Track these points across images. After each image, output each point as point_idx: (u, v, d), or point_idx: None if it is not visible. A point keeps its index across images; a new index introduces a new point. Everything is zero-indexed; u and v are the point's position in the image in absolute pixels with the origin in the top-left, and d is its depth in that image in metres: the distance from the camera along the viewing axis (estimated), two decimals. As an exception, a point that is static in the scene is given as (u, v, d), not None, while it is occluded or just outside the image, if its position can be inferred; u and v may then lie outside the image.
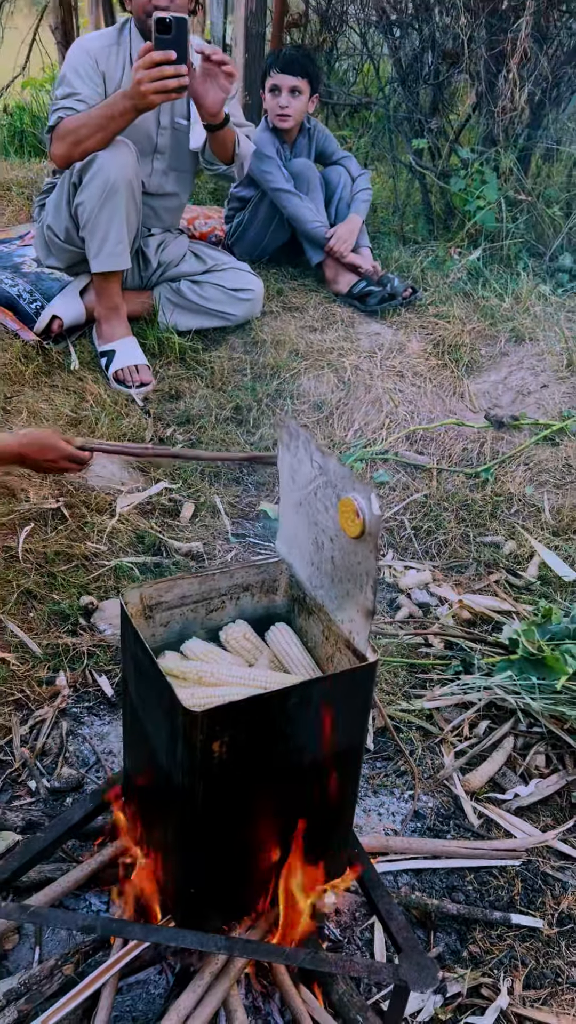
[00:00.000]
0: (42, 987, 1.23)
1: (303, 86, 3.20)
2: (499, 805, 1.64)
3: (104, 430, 2.52)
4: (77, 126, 2.47)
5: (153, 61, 2.24)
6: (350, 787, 1.22)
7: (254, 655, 1.30)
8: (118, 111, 2.39)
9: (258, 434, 2.66)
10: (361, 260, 3.28)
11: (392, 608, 2.17)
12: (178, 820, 1.13)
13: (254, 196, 3.32)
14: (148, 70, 2.25)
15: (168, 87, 2.27)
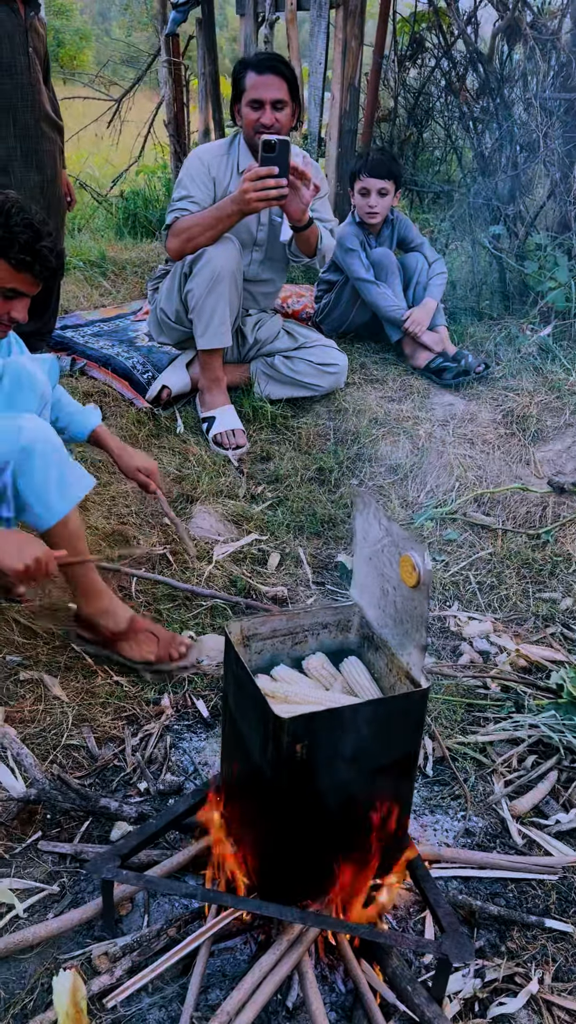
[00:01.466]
0: (151, 944, 1.52)
1: (389, 187, 3.57)
2: (541, 829, 1.86)
3: (204, 486, 2.87)
4: (190, 225, 2.90)
5: (259, 175, 2.66)
6: (405, 790, 1.49)
7: (329, 681, 1.59)
8: (226, 213, 2.81)
9: (338, 493, 2.98)
10: (434, 340, 3.59)
11: (455, 654, 2.42)
12: (266, 808, 1.42)
13: (339, 280, 3.69)
14: (254, 182, 2.66)
15: (270, 196, 2.69)
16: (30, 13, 2.97)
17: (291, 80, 2.96)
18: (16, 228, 1.80)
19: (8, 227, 1.80)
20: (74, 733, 1.99)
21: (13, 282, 1.87)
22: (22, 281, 1.88)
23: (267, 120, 2.93)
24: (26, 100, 2.99)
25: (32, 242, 1.82)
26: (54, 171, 3.18)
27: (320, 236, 3.02)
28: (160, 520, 2.72)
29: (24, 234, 1.81)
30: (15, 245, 1.81)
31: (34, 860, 1.70)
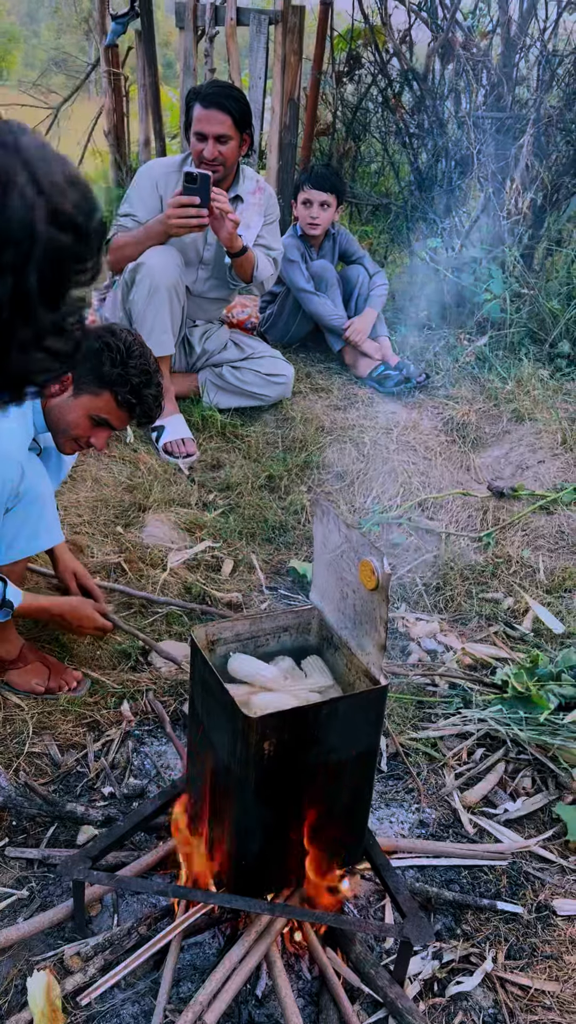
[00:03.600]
0: (122, 943, 1.56)
1: (331, 200, 3.68)
2: (491, 818, 1.96)
3: (156, 495, 2.91)
4: (124, 243, 3.04)
5: (180, 203, 2.82)
6: (366, 785, 1.57)
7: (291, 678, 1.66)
8: (154, 233, 2.97)
9: (288, 500, 3.05)
10: (373, 349, 3.70)
11: (404, 654, 2.51)
12: (235, 804, 1.48)
13: (282, 291, 3.78)
14: (176, 209, 2.82)
15: (190, 224, 2.86)
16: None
17: (238, 114, 3.03)
18: (132, 370, 1.88)
19: (126, 366, 1.87)
20: (36, 741, 2.01)
21: (109, 414, 1.94)
22: (118, 417, 1.95)
23: (208, 153, 3.02)
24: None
25: (141, 387, 1.91)
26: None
27: (256, 263, 3.10)
28: (113, 529, 2.75)
29: (137, 377, 1.89)
30: (127, 385, 1.88)
31: (1, 866, 1.73)
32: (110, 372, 1.88)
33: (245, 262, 3.08)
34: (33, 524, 1.96)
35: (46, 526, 2.00)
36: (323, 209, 3.68)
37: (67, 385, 1.91)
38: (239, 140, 3.09)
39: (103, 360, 1.87)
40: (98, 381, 1.90)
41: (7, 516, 1.91)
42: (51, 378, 0.92)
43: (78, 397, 1.92)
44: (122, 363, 1.88)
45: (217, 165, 3.06)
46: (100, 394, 1.91)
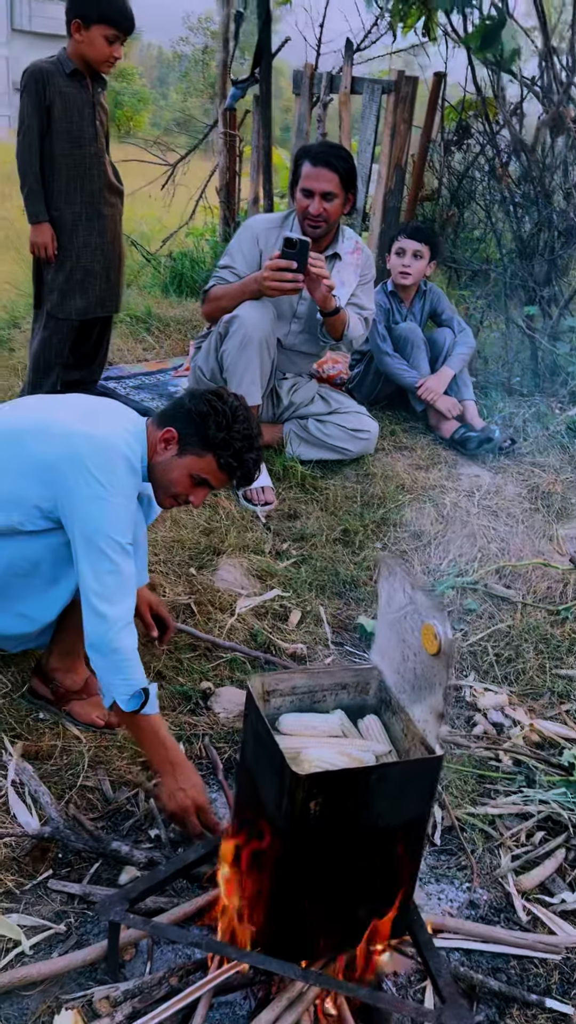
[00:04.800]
0: (152, 992, 1.54)
1: (424, 251, 3.72)
2: (546, 907, 1.86)
3: (231, 540, 2.94)
4: (221, 295, 3.13)
5: (277, 267, 2.87)
6: (413, 855, 1.51)
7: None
8: (249, 290, 3.04)
9: (362, 555, 3.03)
10: (448, 405, 3.68)
11: (469, 724, 2.44)
12: (277, 862, 1.45)
13: (369, 351, 3.82)
14: (272, 272, 2.88)
15: (284, 288, 2.91)
16: (97, 89, 3.17)
17: (345, 173, 3.11)
18: (235, 435, 1.91)
19: (230, 431, 1.90)
20: (90, 774, 2.02)
21: (210, 475, 1.96)
22: (218, 478, 1.98)
23: (314, 210, 3.10)
24: (92, 168, 3.17)
25: (243, 452, 1.93)
26: (114, 233, 3.35)
27: (348, 323, 3.14)
28: (186, 571, 2.79)
29: (240, 442, 1.92)
30: (230, 449, 1.92)
31: (43, 898, 1.73)
32: (215, 436, 1.91)
33: (337, 321, 3.13)
34: None
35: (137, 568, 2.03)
36: (416, 259, 3.72)
37: (173, 444, 1.96)
38: (343, 199, 3.16)
39: (209, 424, 1.90)
40: (202, 443, 1.92)
41: None
42: None
43: (182, 457, 1.94)
44: (227, 427, 1.90)
45: (320, 221, 3.14)
46: (204, 456, 1.93)
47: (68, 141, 3.09)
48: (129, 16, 3.01)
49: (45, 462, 1.83)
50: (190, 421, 1.92)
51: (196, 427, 1.91)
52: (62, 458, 1.81)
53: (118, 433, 1.88)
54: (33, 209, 3.12)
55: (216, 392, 1.96)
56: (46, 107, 3.03)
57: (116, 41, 3.03)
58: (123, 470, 1.83)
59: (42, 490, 1.83)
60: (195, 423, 1.91)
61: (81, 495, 1.79)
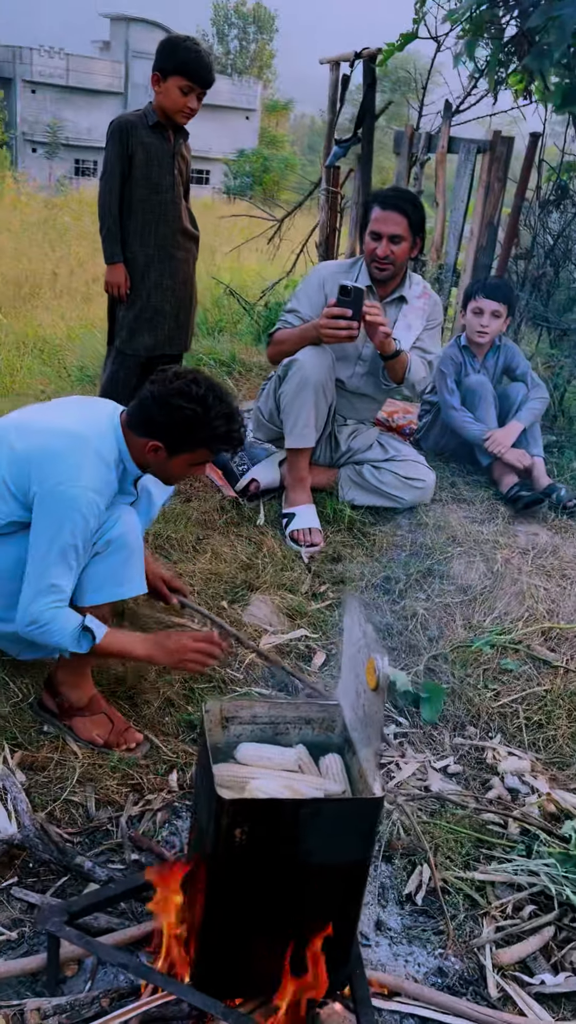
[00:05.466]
0: (82, 1010, 1.53)
1: (502, 310, 3.68)
2: (523, 986, 1.73)
3: (268, 577, 2.95)
4: (283, 339, 3.18)
5: (332, 314, 2.92)
6: (351, 905, 1.45)
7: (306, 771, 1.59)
8: (308, 336, 3.09)
9: (401, 604, 2.97)
10: (516, 456, 3.57)
11: (483, 787, 2.32)
12: (206, 891, 1.42)
13: (438, 402, 3.78)
14: (328, 319, 2.92)
15: (339, 336, 2.95)
16: (178, 140, 3.34)
17: (413, 216, 3.14)
18: (218, 424, 2.00)
19: (211, 425, 1.99)
20: (77, 790, 2.05)
21: (206, 458, 2.11)
22: (213, 456, 2.12)
23: (381, 252, 3.14)
24: (168, 214, 3.33)
25: (228, 433, 2.03)
26: (186, 275, 3.49)
27: (409, 366, 3.14)
28: (218, 603, 2.81)
29: (223, 427, 2.01)
30: (217, 438, 2.03)
31: (3, 904, 1.75)
32: (200, 436, 2.00)
33: (398, 364, 3.13)
34: (119, 572, 2.06)
35: (129, 575, 2.09)
36: (494, 318, 3.68)
37: (162, 451, 2.03)
38: (411, 242, 3.19)
39: (192, 429, 1.98)
40: (192, 444, 2.02)
41: (95, 560, 2.02)
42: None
43: (175, 456, 2.04)
44: (208, 423, 1.97)
45: (387, 264, 3.18)
46: (196, 450, 2.05)
47: (146, 188, 3.27)
48: (204, 68, 3.17)
49: (21, 456, 1.96)
50: (171, 430, 1.99)
51: (180, 434, 1.99)
52: (37, 453, 1.94)
53: (92, 428, 2.00)
54: (109, 250, 3.30)
55: (178, 391, 1.97)
56: (128, 156, 3.23)
57: (191, 92, 3.19)
58: (93, 465, 1.95)
59: (18, 482, 1.96)
60: (177, 431, 1.99)
61: (46, 487, 1.91)
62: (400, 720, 2.52)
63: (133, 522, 2.09)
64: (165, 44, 3.22)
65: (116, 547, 2.03)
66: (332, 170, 5.55)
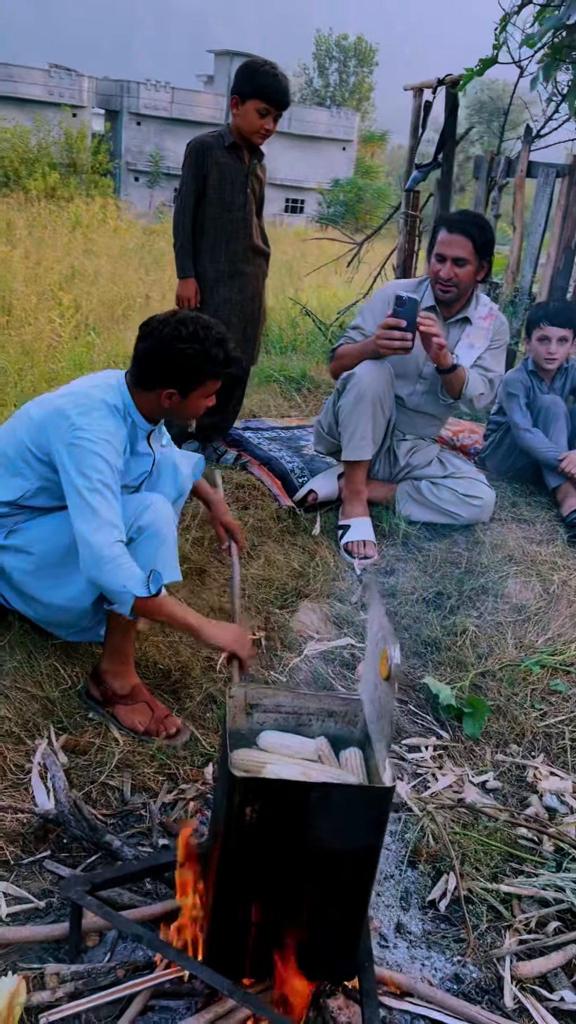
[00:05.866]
0: (98, 979, 1.58)
1: (569, 335, 3.65)
2: (541, 1000, 1.71)
3: (318, 586, 2.99)
4: (345, 353, 3.25)
5: (387, 325, 2.99)
6: (359, 894, 1.46)
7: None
8: (368, 350, 3.16)
9: (451, 620, 2.96)
10: None
11: (522, 804, 2.30)
12: (218, 870, 1.46)
13: (506, 423, 3.76)
14: (383, 331, 3.00)
15: (393, 346, 3.01)
16: (253, 161, 3.46)
17: (478, 240, 3.17)
18: (214, 350, 2.09)
19: (211, 358, 2.09)
20: (115, 775, 2.12)
21: (215, 384, 2.19)
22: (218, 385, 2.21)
23: (444, 274, 3.18)
24: (239, 231, 3.45)
25: (227, 357, 2.13)
26: (255, 290, 3.59)
27: (466, 382, 3.15)
28: (267, 608, 2.86)
29: (223, 353, 2.11)
30: (219, 367, 2.13)
31: (36, 875, 1.83)
32: (205, 369, 2.10)
33: (454, 379, 3.15)
34: (153, 560, 2.14)
35: (164, 563, 2.16)
36: (561, 344, 3.66)
37: (176, 396, 2.14)
38: (477, 266, 3.21)
39: (192, 365, 2.08)
40: (199, 380, 2.12)
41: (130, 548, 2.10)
42: None
43: (189, 396, 2.14)
44: (209, 358, 2.08)
45: (451, 286, 3.21)
46: (205, 383, 2.13)
47: (219, 206, 3.39)
48: (281, 91, 3.28)
49: (37, 422, 2.10)
50: (180, 374, 2.09)
51: (189, 374, 2.09)
52: (50, 414, 2.08)
53: (98, 385, 2.12)
54: (181, 265, 3.43)
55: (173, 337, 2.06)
56: (203, 176, 3.36)
57: (268, 115, 3.31)
58: (101, 413, 2.06)
59: (39, 444, 2.10)
60: (185, 373, 2.09)
61: (62, 442, 2.03)
62: (441, 733, 2.52)
63: (165, 511, 2.17)
64: (244, 68, 3.35)
65: (148, 535, 2.11)
66: (412, 194, 5.61)
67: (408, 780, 2.29)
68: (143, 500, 2.15)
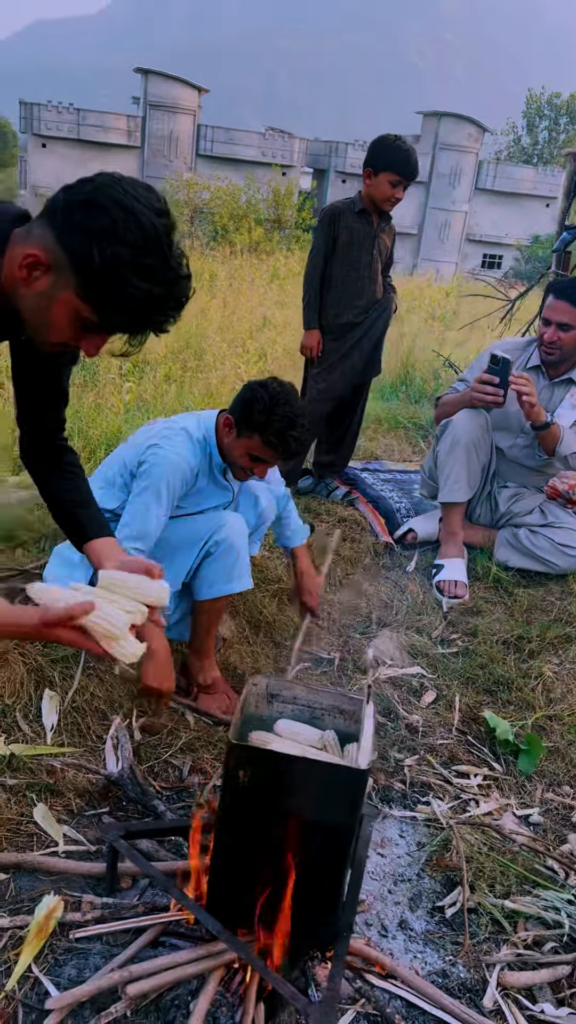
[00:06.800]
0: (122, 912, 1.86)
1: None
2: (521, 1009, 1.81)
3: (402, 618, 3.18)
4: (447, 402, 3.45)
5: (481, 380, 3.20)
6: (336, 866, 1.66)
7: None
8: (464, 400, 3.36)
9: (529, 663, 3.05)
10: None
11: (559, 841, 2.37)
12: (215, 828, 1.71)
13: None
14: (478, 385, 3.20)
15: (485, 400, 3.21)
16: (382, 225, 3.77)
17: None
18: (275, 417, 2.34)
19: (270, 414, 2.34)
20: (178, 755, 2.42)
21: (261, 452, 2.42)
22: (267, 454, 2.42)
23: (548, 337, 3.34)
24: (363, 289, 3.77)
25: (283, 430, 2.35)
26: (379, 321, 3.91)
27: (561, 439, 3.26)
28: (348, 633, 3.09)
29: (280, 423, 2.34)
30: (271, 429, 2.35)
31: (93, 825, 2.15)
32: (258, 419, 2.32)
33: (548, 435, 3.27)
34: (229, 571, 2.45)
35: (239, 573, 2.46)
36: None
37: (232, 428, 2.42)
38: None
39: (253, 409, 2.33)
40: (250, 426, 2.35)
41: (208, 560, 2.42)
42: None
43: (239, 439, 2.40)
44: (266, 411, 2.30)
45: (554, 349, 3.35)
46: (252, 436, 2.36)
47: (346, 266, 3.72)
48: (411, 164, 3.57)
49: (138, 444, 2.47)
50: (242, 408, 2.35)
51: (244, 412, 2.34)
52: (145, 437, 2.45)
53: (188, 418, 2.46)
54: (307, 317, 3.79)
55: (262, 381, 2.35)
56: (333, 238, 3.71)
57: (398, 185, 3.61)
58: (180, 439, 2.39)
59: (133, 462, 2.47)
60: (244, 409, 2.34)
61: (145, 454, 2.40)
62: (495, 766, 2.62)
63: (239, 527, 2.47)
64: (378, 143, 3.68)
65: (224, 549, 2.42)
66: (562, 255, 5.71)
67: (448, 800, 2.42)
68: (219, 518, 2.47)
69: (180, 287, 1.33)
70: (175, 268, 1.31)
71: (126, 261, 1.25)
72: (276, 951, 1.69)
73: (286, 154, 34.25)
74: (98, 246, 1.24)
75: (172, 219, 1.33)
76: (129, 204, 1.24)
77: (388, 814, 2.34)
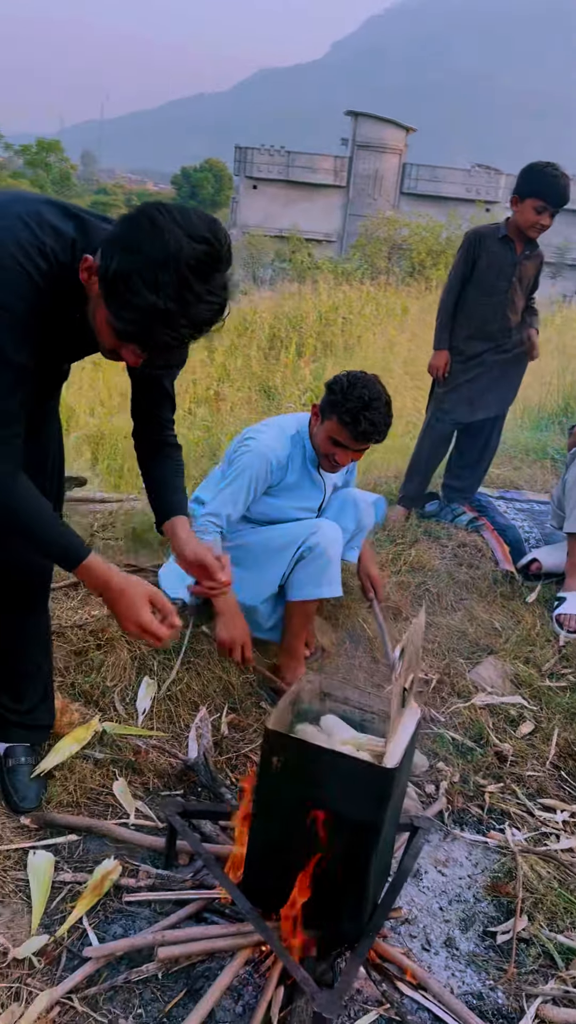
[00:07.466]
0: (172, 883, 1.98)
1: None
2: (555, 1046, 1.74)
3: (510, 647, 3.11)
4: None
5: None
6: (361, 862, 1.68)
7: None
8: None
9: None
10: None
11: None
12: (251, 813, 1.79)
13: None
14: None
15: None
16: (525, 252, 3.73)
17: None
18: (351, 397, 2.43)
19: (346, 394, 2.45)
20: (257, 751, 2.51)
21: (339, 435, 2.50)
22: (344, 436, 2.50)
23: None
24: (497, 315, 3.74)
25: (358, 410, 2.42)
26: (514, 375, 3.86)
27: None
28: (452, 658, 3.06)
29: (355, 403, 2.43)
30: (345, 408, 2.44)
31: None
32: (336, 400, 2.44)
33: None
34: (319, 576, 2.53)
35: (328, 579, 2.54)
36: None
37: (317, 415, 2.55)
38: None
39: (333, 391, 2.46)
40: (331, 408, 2.47)
41: (300, 564, 2.52)
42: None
43: (323, 424, 2.52)
44: (343, 391, 2.42)
45: None
46: (331, 418, 2.48)
47: (481, 291, 3.72)
48: (558, 191, 3.52)
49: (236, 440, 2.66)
50: (325, 393, 2.47)
51: (326, 396, 2.47)
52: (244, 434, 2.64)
53: (288, 416, 2.62)
54: (437, 337, 3.81)
55: (348, 372, 2.47)
56: (472, 261, 3.72)
57: (544, 211, 3.57)
58: (273, 433, 2.56)
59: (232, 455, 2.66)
60: (327, 394, 2.47)
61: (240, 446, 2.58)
62: (590, 805, 2.51)
63: (332, 534, 2.54)
64: (527, 170, 3.67)
65: (316, 554, 2.50)
66: None
67: (525, 831, 2.35)
68: (314, 525, 2.56)
69: (198, 310, 1.35)
70: (196, 290, 1.33)
71: (137, 271, 1.31)
72: (297, 938, 1.74)
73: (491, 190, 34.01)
74: (119, 254, 1.33)
75: (216, 248, 1.35)
76: (162, 223, 1.31)
77: (457, 835, 2.31)
